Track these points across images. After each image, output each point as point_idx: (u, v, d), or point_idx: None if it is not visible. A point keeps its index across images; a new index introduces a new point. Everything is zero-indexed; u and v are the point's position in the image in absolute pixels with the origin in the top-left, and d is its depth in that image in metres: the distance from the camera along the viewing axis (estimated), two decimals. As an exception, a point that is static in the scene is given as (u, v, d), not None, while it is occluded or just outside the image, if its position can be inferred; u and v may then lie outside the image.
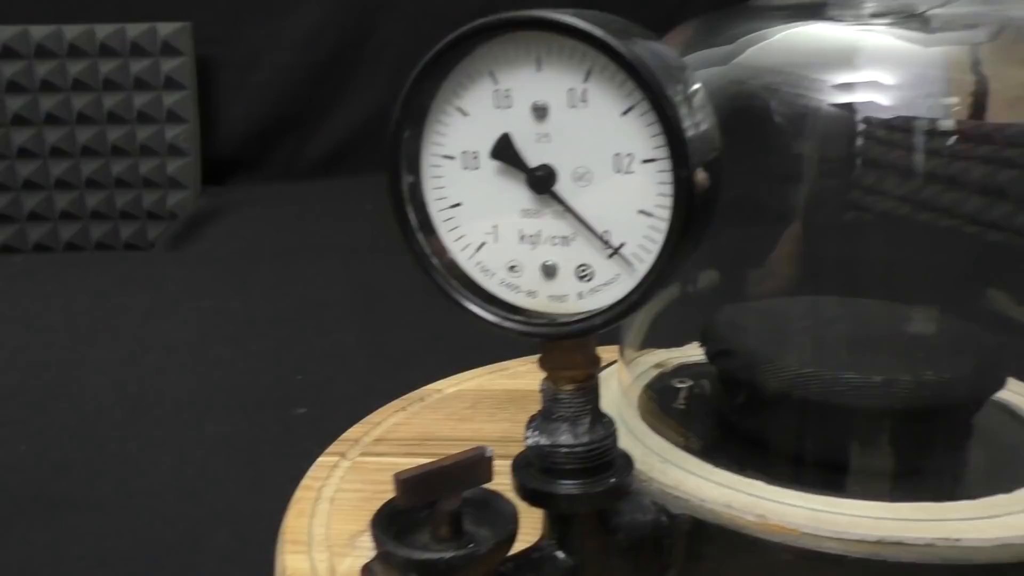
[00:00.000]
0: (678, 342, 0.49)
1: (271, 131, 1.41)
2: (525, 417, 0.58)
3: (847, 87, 0.37)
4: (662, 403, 0.43)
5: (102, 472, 0.55)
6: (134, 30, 1.25)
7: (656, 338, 0.48)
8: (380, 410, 0.58)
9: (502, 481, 0.34)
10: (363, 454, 0.52)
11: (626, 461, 0.35)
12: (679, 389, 0.42)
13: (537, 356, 0.59)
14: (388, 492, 0.49)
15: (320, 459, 0.52)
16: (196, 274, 0.96)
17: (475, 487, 0.32)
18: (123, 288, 0.92)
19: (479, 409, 0.58)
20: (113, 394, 0.66)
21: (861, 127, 0.37)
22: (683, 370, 0.46)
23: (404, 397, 0.60)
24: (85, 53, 1.25)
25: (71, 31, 1.24)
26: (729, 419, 0.41)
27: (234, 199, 1.31)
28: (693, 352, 0.49)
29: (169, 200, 1.29)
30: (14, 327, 0.81)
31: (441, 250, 0.33)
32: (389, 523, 0.32)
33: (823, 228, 0.40)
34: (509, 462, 0.52)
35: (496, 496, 0.33)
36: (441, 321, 0.82)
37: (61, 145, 1.27)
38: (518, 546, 0.33)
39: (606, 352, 0.64)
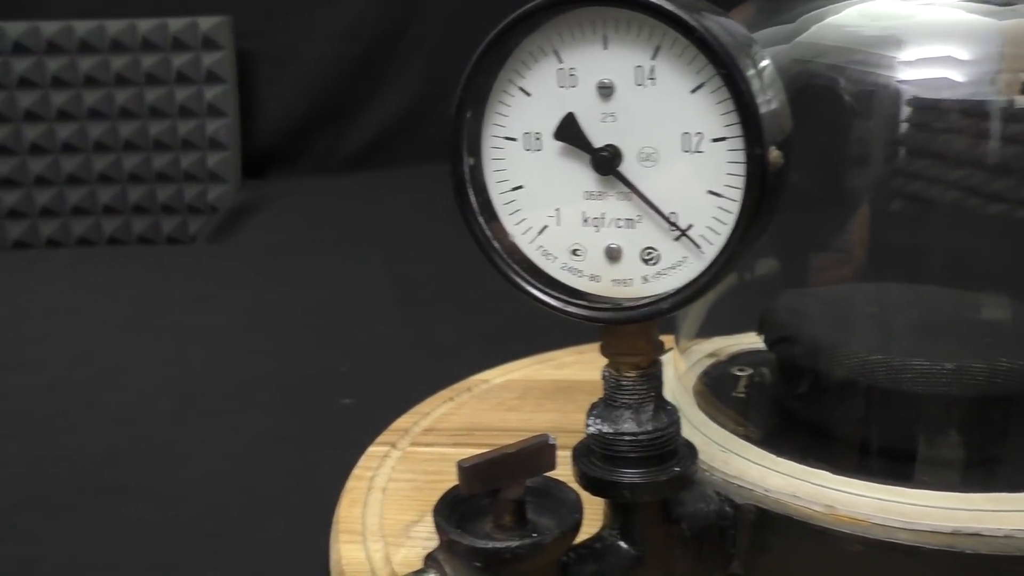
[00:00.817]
0: (732, 330, 0.48)
1: (308, 124, 1.41)
2: (573, 408, 0.58)
3: (917, 64, 0.36)
4: (719, 391, 0.42)
5: (151, 462, 0.56)
6: (175, 24, 1.26)
7: (710, 326, 0.47)
8: (428, 400, 0.57)
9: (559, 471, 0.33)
10: (413, 444, 0.52)
11: (689, 450, 0.34)
12: (738, 377, 0.41)
13: (580, 346, 0.59)
14: (439, 482, 0.49)
15: (370, 449, 0.51)
16: (237, 266, 0.96)
17: (538, 475, 0.31)
18: (166, 281, 0.93)
19: (527, 399, 0.58)
20: (159, 385, 0.66)
21: (931, 107, 0.36)
22: (739, 358, 0.45)
23: (451, 387, 0.59)
24: (127, 48, 1.26)
25: (113, 26, 1.25)
26: (791, 407, 0.40)
27: (273, 192, 1.32)
28: (748, 340, 0.48)
29: (210, 194, 1.29)
30: (61, 320, 0.82)
31: (502, 234, 0.32)
32: (451, 511, 0.32)
33: (888, 212, 0.39)
34: (559, 453, 0.51)
35: (558, 484, 0.32)
36: (482, 312, 0.82)
37: (104, 140, 1.28)
38: (579, 536, 0.32)
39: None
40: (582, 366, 0.62)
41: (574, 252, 0.31)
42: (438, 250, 0.98)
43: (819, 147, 0.38)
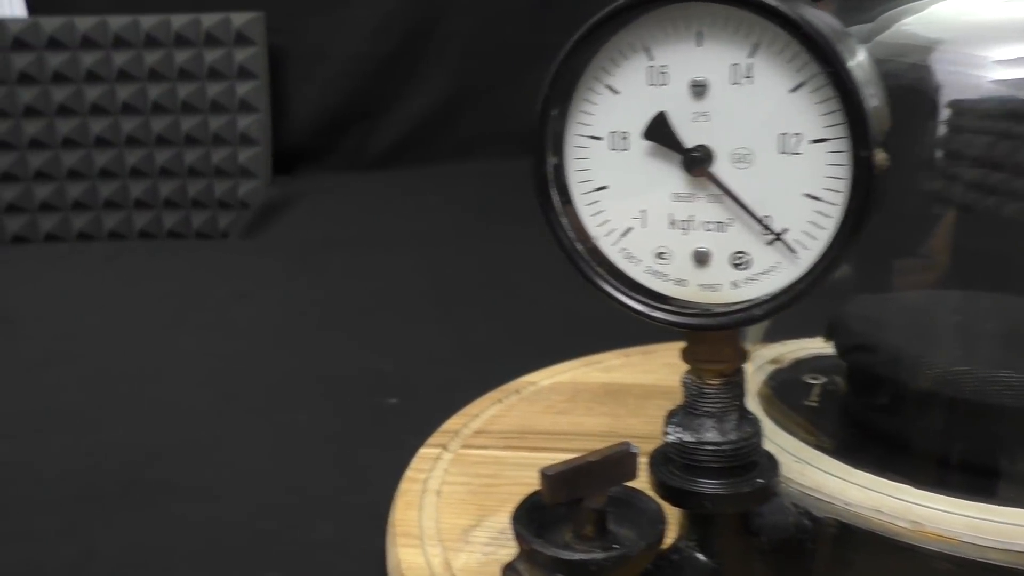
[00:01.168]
0: (794, 334, 0.47)
1: (338, 121, 1.41)
2: (624, 412, 0.57)
3: (1010, 63, 0.35)
4: (787, 399, 0.41)
5: (198, 459, 0.55)
6: (208, 20, 1.26)
7: (773, 330, 0.46)
8: (476, 402, 0.57)
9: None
10: (464, 446, 0.51)
11: (771, 461, 0.33)
12: (810, 385, 0.40)
13: (626, 349, 0.57)
14: (494, 485, 0.48)
15: (422, 450, 0.51)
16: (272, 263, 0.96)
17: (619, 484, 0.30)
18: (203, 276, 0.93)
19: (577, 403, 0.57)
20: (202, 381, 0.66)
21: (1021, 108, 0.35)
22: (803, 364, 0.44)
23: (500, 389, 0.58)
24: (161, 43, 1.26)
25: (147, 21, 1.25)
26: (867, 418, 0.39)
27: (303, 189, 1.31)
28: (811, 345, 0.47)
29: (240, 189, 1.29)
30: (100, 313, 0.82)
31: (584, 235, 0.31)
32: (528, 519, 0.31)
33: (972, 217, 0.38)
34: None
35: (638, 494, 0.32)
36: (521, 313, 0.81)
37: (136, 135, 1.28)
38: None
39: None
40: (629, 369, 0.61)
41: (660, 255, 0.31)
42: (473, 249, 0.98)
43: (901, 148, 0.37)
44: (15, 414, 0.61)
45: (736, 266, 0.29)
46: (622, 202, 0.31)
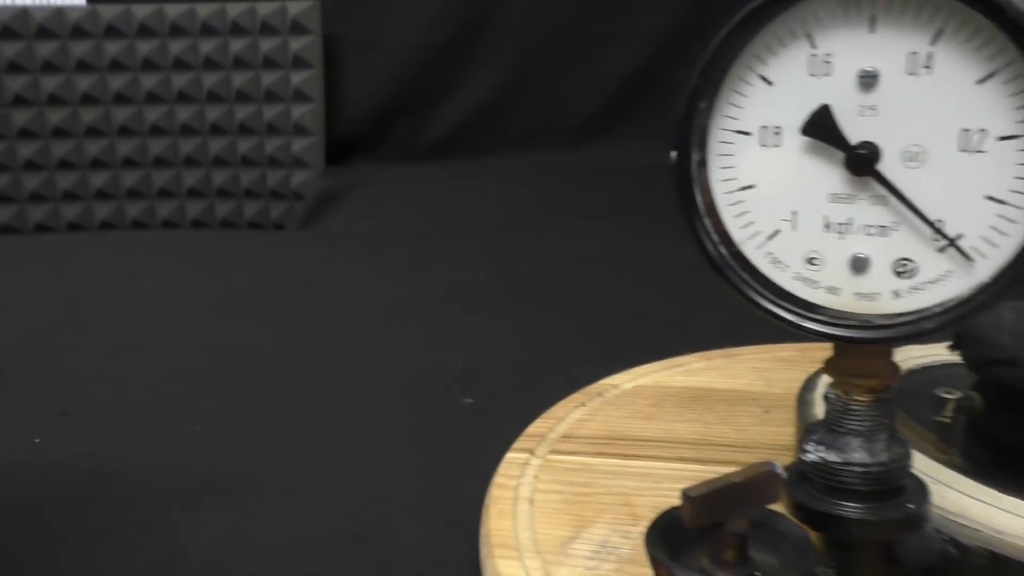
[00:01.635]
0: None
1: (392, 111, 1.40)
2: (714, 418, 0.55)
3: None
4: (915, 412, 0.39)
5: (275, 457, 0.54)
6: (264, 9, 1.25)
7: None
8: (559, 405, 0.55)
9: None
10: (552, 452, 0.49)
11: (919, 485, 0.30)
12: (944, 400, 0.37)
13: (708, 352, 0.54)
14: (588, 494, 0.46)
15: (509, 455, 0.49)
16: (332, 255, 0.95)
17: (761, 507, 0.28)
18: (265, 267, 0.91)
19: (664, 407, 0.54)
20: (273, 376, 0.65)
21: None
22: (930, 376, 0.41)
23: (582, 391, 0.56)
24: (216, 32, 1.25)
25: (204, 9, 1.24)
26: (1009, 437, 0.36)
27: (356, 179, 1.30)
28: (931, 352, 0.44)
29: (293, 180, 1.28)
30: (163, 303, 0.81)
31: (727, 239, 0.29)
32: (661, 541, 0.29)
33: None
34: (706, 468, 0.48)
35: (779, 517, 0.29)
36: (593, 310, 0.79)
37: (191, 123, 1.27)
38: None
39: (792, 351, 0.60)
40: (714, 373, 0.59)
41: (810, 261, 0.28)
42: (535, 242, 0.96)
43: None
44: (89, 408, 0.60)
45: (899, 274, 0.27)
46: (770, 202, 0.28)
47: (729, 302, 0.77)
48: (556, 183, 1.24)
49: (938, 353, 0.41)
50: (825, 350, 0.60)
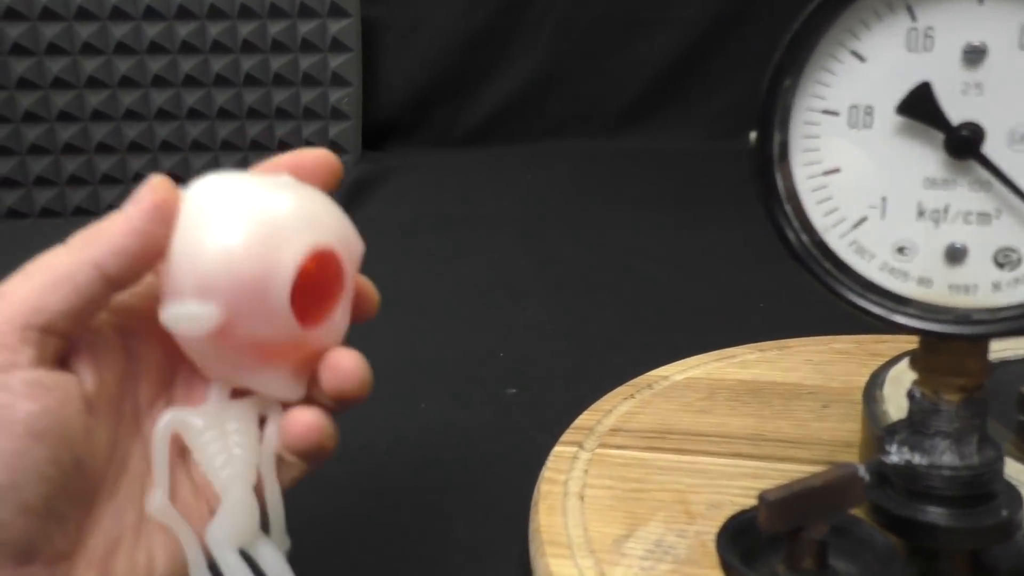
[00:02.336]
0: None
1: (429, 96, 1.38)
2: (770, 413, 0.53)
3: None
4: (993, 410, 0.36)
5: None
6: (302, -9, 1.24)
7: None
8: (607, 397, 0.53)
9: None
10: (601, 445, 0.48)
11: (1012, 491, 0.28)
12: (1029, 399, 0.35)
13: (761, 343, 0.52)
14: (641, 490, 0.44)
15: (557, 449, 0.47)
16: (371, 240, 0.93)
17: (842, 512, 0.27)
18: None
19: (716, 401, 0.53)
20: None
21: None
22: (1012, 370, 0.39)
23: (630, 383, 0.55)
24: (255, 14, 1.24)
25: (242, -8, 1.24)
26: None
27: (392, 165, 1.29)
28: (1000, 347, 0.42)
29: (330, 164, 1.28)
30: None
31: (808, 226, 0.27)
32: (733, 547, 0.27)
33: None
34: (765, 464, 0.46)
35: (859, 523, 0.28)
36: (636, 300, 0.77)
37: (228, 107, 1.27)
38: None
39: (848, 343, 0.58)
40: (768, 365, 0.57)
41: (900, 250, 0.26)
42: (578, 231, 0.94)
43: None
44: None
45: (1000, 265, 0.25)
46: (857, 188, 0.26)
47: (779, 292, 0.75)
48: (595, 170, 1.22)
49: (1017, 346, 0.39)
50: (882, 343, 0.58)
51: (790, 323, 0.63)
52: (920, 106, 0.24)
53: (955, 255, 0.26)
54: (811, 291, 0.28)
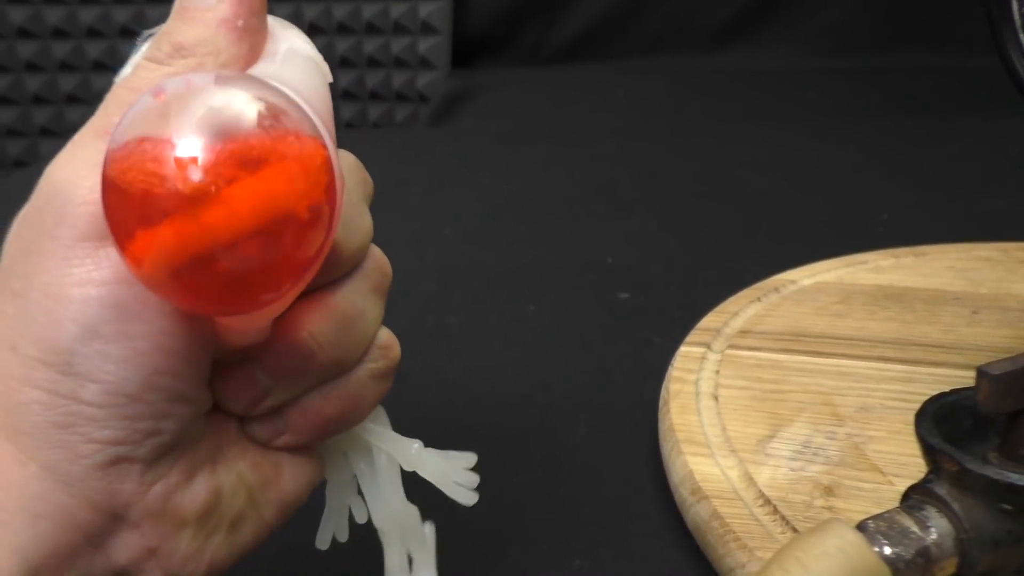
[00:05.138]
0: None
1: (519, 11, 1.33)
2: (912, 318, 0.48)
3: None
4: None
5: (426, 344, 0.51)
6: (393, -100, 1.20)
7: None
8: (732, 299, 0.50)
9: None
10: (731, 347, 0.45)
11: None
12: None
13: (896, 249, 0.48)
14: (782, 391, 0.41)
15: (683, 349, 0.45)
16: (465, 152, 0.91)
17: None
18: (392, 163, 0.88)
19: (852, 305, 0.49)
20: (419, 267, 0.62)
21: None
22: None
23: (755, 287, 0.51)
24: (344, -76, 1.21)
25: (331, -97, 1.20)
26: None
27: (482, 82, 1.25)
28: None
29: (419, 81, 1.25)
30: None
31: (1042, 59, 0.23)
32: (936, 432, 0.24)
33: None
34: (915, 368, 0.42)
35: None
36: (749, 210, 0.72)
37: (318, 22, 1.25)
38: None
39: (991, 250, 0.53)
40: (904, 271, 0.53)
41: None
42: (677, 143, 0.89)
43: None
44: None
45: None
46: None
47: (904, 202, 0.69)
48: (692, 86, 1.16)
49: None
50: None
51: (917, 233, 0.58)
52: None
53: None
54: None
